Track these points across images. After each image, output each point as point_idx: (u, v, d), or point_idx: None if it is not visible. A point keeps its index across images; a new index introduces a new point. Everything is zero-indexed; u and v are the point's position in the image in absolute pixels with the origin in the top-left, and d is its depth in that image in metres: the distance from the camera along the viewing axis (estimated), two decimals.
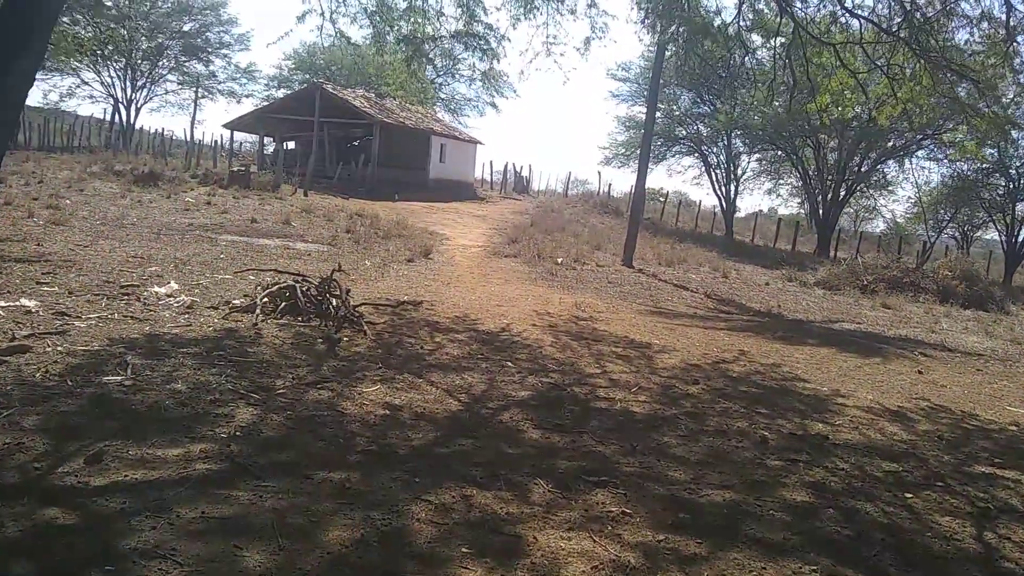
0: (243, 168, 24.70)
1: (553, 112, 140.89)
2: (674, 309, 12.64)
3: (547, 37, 12.46)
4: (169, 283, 8.52)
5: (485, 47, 9.89)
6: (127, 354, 5.57)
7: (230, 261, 11.57)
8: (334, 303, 8.14)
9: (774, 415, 6.10)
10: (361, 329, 7.52)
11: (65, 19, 34.02)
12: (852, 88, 9.33)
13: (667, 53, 12.54)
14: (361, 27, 9.75)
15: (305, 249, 14.44)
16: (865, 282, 19.70)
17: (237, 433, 4.23)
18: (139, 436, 4.03)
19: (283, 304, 8.05)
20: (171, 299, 8.00)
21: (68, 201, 16.98)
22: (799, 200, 43.68)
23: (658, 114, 27.12)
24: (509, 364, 6.83)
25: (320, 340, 6.92)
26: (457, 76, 42.66)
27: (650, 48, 33.88)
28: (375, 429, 4.61)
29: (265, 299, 8.23)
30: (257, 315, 7.48)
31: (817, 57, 8.91)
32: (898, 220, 41.77)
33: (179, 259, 10.96)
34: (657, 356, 7.98)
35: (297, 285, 8.30)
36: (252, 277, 10.07)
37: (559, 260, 16.88)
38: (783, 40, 8.77)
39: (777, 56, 9.27)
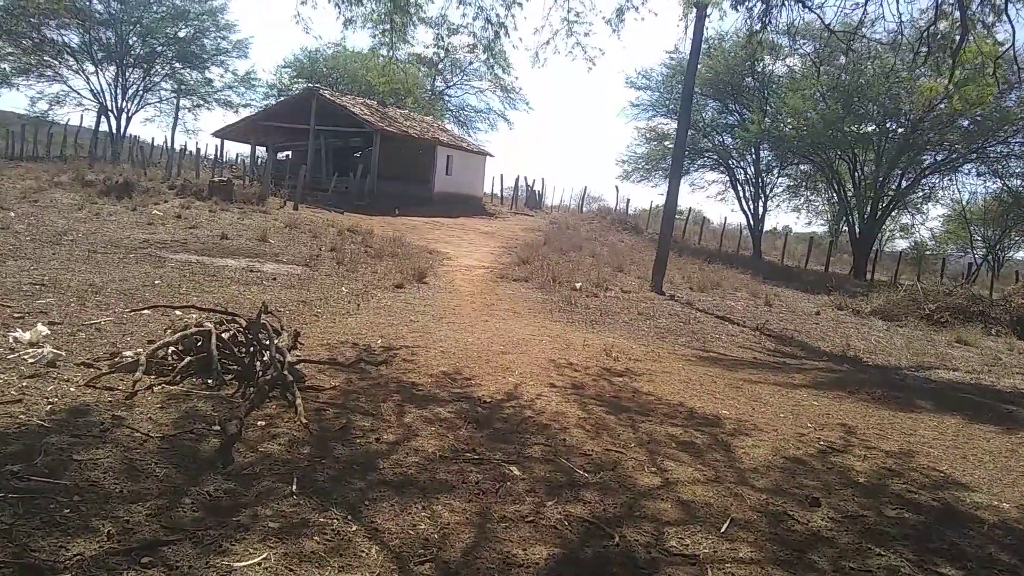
0: (225, 179, 22.37)
1: (567, 125, 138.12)
2: (727, 353, 10.02)
3: (568, 12, 10.09)
4: (37, 326, 6.02)
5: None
6: None
7: (164, 289, 9.11)
8: (266, 357, 5.64)
9: None
10: (293, 403, 4.99)
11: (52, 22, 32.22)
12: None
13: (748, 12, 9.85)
14: None
15: (273, 272, 11.96)
16: (928, 311, 17.14)
17: None
18: None
19: (190, 359, 5.56)
20: (30, 350, 5.51)
21: (12, 213, 14.66)
22: (828, 218, 40.99)
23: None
24: (515, 471, 4.27)
25: (216, 428, 4.38)
26: (461, 59, 40.14)
27: (672, 56, 31.61)
28: None
29: (171, 351, 5.76)
30: (137, 380, 4.97)
31: None
32: (932, 239, 38.98)
33: (93, 286, 8.50)
34: (735, 442, 5.38)
35: (214, 331, 5.79)
36: (179, 313, 7.62)
37: (577, 285, 14.35)
38: None
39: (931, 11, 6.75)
